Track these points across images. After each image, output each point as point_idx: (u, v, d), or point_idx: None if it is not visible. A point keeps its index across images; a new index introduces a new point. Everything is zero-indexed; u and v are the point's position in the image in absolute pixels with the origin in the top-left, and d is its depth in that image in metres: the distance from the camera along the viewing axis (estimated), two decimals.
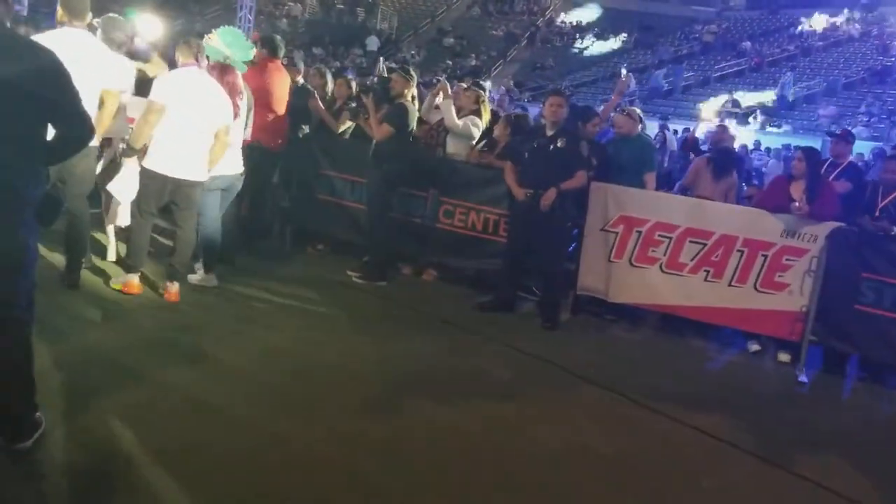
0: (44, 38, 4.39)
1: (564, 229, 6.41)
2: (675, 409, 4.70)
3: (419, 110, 7.26)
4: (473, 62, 30.08)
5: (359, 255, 6.93)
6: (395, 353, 5.11)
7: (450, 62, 29.40)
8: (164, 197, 5.36)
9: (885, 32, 26.18)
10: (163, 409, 3.78)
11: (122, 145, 5.70)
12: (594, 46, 32.84)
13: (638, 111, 7.41)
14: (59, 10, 4.95)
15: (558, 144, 6.17)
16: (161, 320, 5.10)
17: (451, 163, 7.01)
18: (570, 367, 5.27)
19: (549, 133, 6.24)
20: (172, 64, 5.96)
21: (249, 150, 6.15)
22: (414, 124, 6.78)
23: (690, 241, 6.15)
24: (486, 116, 7.09)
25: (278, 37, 7.47)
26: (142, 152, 5.31)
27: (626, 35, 33.08)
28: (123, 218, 5.97)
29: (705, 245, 6.09)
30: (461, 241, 6.86)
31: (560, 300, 6.38)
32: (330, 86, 7.95)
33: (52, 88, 3.02)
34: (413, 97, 6.84)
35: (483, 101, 7.07)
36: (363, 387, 4.44)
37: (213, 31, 5.91)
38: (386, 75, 8.51)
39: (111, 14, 5.71)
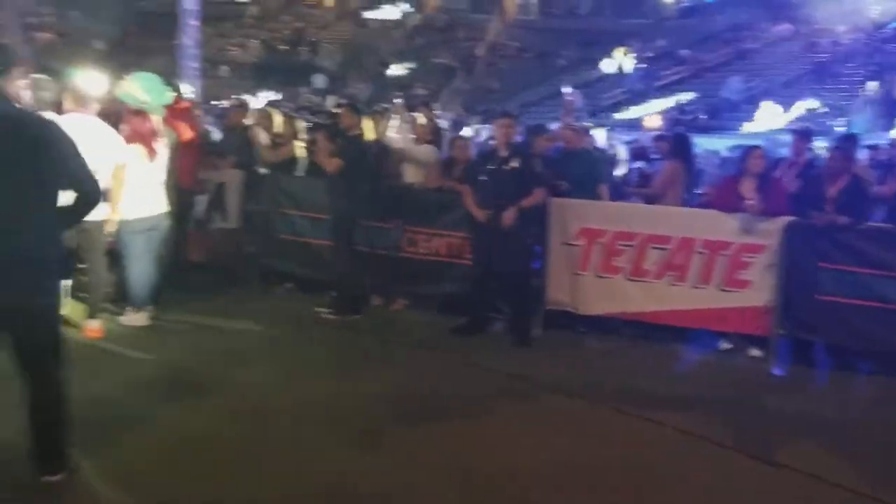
0: None
1: (527, 246, 6.48)
2: (652, 411, 4.78)
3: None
4: (421, 91, 30.33)
5: (327, 291, 6.91)
6: (372, 385, 5.10)
7: (399, 93, 29.62)
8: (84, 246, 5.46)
9: (812, 30, 26.99)
10: (150, 450, 3.82)
11: None
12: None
13: (586, 125, 7.55)
14: None
15: (512, 164, 6.27)
16: (132, 365, 5.19)
17: (410, 191, 7.07)
18: (544, 381, 5.33)
19: (503, 154, 6.34)
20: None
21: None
22: (367, 156, 6.82)
23: (652, 248, 6.25)
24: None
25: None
26: None
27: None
28: None
29: (666, 250, 6.20)
30: (427, 268, 6.90)
31: (530, 317, 6.44)
32: (278, 126, 7.97)
33: (60, 156, 3.36)
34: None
35: (439, 132, 7.17)
36: (342, 423, 4.44)
37: (125, 77, 6.00)
38: (335, 111, 8.60)
39: (38, 75, 5.79)
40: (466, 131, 13.38)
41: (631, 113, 23.70)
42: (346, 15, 39.15)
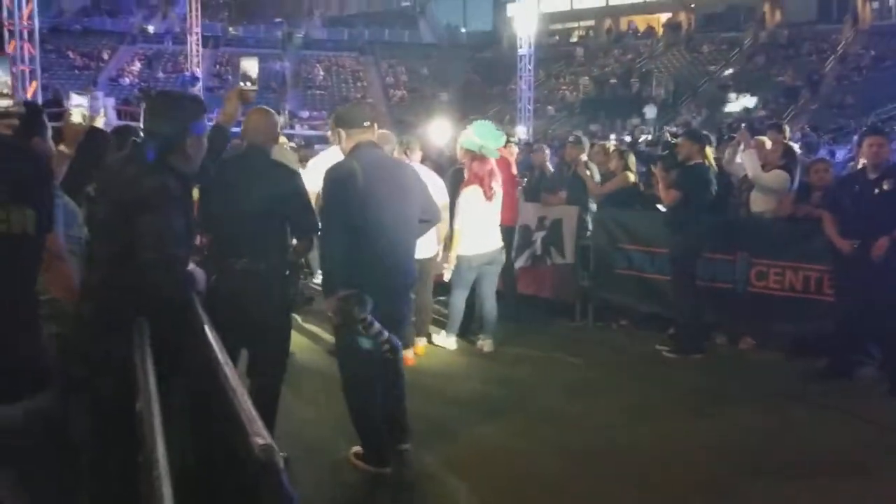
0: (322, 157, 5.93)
1: None
2: None
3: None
4: (762, 113, 28.44)
5: (666, 328, 6.64)
6: (722, 429, 4.74)
7: (737, 116, 28.12)
8: None
9: None
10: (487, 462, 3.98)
11: None
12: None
13: None
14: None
15: (885, 187, 5.50)
16: (472, 385, 5.55)
17: (759, 220, 6.54)
18: None
19: (872, 176, 5.59)
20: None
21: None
22: (708, 186, 6.44)
23: None
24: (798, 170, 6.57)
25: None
26: None
27: None
28: None
29: None
30: (779, 304, 6.30)
31: None
32: (613, 161, 7.90)
33: (419, 192, 4.15)
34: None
35: (793, 156, 6.55)
36: (694, 468, 4.16)
37: (468, 126, 6.42)
38: (673, 141, 8.32)
39: (382, 130, 6.38)
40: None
41: None
42: (677, 42, 38.33)
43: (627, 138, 16.57)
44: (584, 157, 7.85)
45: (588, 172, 7.62)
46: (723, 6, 39.46)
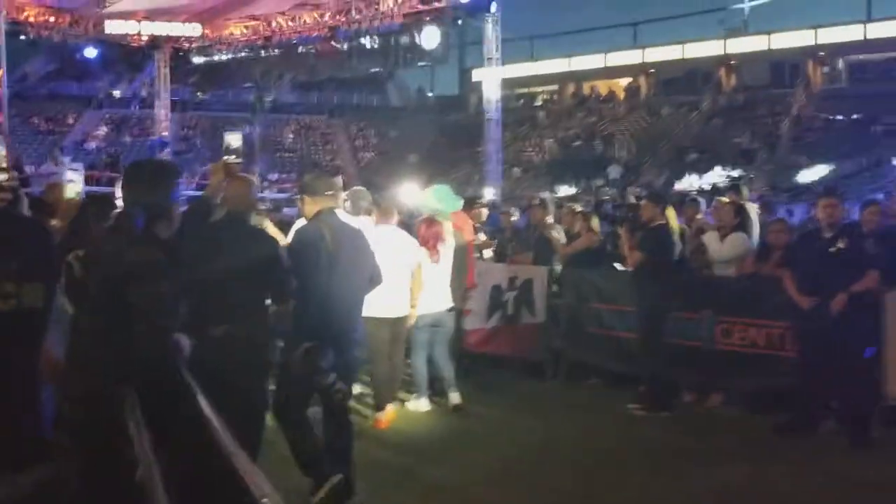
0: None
1: (861, 335, 5.81)
2: None
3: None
4: (720, 174, 29.24)
5: (637, 387, 6.73)
6: (690, 487, 4.82)
7: (696, 176, 28.86)
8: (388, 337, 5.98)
9: None
10: None
11: None
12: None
13: None
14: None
15: (839, 245, 5.74)
16: (443, 444, 5.38)
17: (722, 279, 6.75)
18: None
19: (827, 235, 5.85)
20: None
21: None
22: (671, 247, 6.63)
23: None
24: (756, 230, 6.82)
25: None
26: None
27: None
28: None
29: None
30: (745, 361, 6.45)
31: (867, 413, 5.70)
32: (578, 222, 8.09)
33: (371, 254, 4.54)
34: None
35: (747, 213, 6.82)
36: None
37: (426, 190, 6.77)
38: (637, 202, 8.57)
39: (356, 187, 6.53)
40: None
41: None
42: (637, 105, 39.46)
43: (587, 199, 16.75)
44: (549, 219, 8.06)
45: (555, 233, 7.81)
46: (681, 71, 40.84)
